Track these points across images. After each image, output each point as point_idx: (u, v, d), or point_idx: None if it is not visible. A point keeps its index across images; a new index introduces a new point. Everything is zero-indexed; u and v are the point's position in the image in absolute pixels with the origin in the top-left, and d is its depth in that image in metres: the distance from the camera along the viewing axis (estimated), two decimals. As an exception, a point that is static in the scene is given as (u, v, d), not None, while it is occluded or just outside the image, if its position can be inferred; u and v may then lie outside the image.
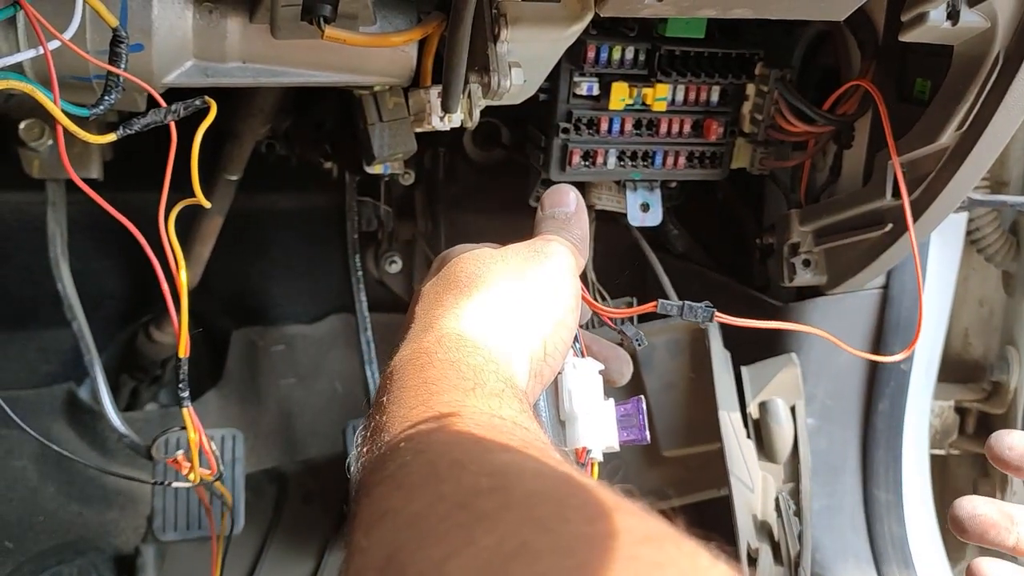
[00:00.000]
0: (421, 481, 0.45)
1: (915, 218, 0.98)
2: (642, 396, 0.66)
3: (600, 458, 0.65)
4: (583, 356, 0.68)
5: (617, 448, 0.65)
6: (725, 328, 1.16)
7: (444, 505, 0.41)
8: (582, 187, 1.22)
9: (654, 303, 0.67)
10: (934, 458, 1.29)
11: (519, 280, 0.64)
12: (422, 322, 0.62)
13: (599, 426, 0.65)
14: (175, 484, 0.88)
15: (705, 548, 0.38)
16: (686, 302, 0.68)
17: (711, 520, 1.17)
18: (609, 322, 0.71)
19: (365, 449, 0.53)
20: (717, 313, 0.68)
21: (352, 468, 0.54)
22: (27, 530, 1.31)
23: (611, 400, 0.66)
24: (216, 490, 1.02)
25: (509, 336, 0.61)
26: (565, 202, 0.73)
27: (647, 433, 0.66)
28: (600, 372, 0.67)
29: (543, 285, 0.64)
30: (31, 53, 0.64)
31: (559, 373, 0.65)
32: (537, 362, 0.62)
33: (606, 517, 0.39)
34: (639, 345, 0.70)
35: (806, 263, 1.13)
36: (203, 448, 0.82)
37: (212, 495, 1.06)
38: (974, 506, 0.66)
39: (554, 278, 0.65)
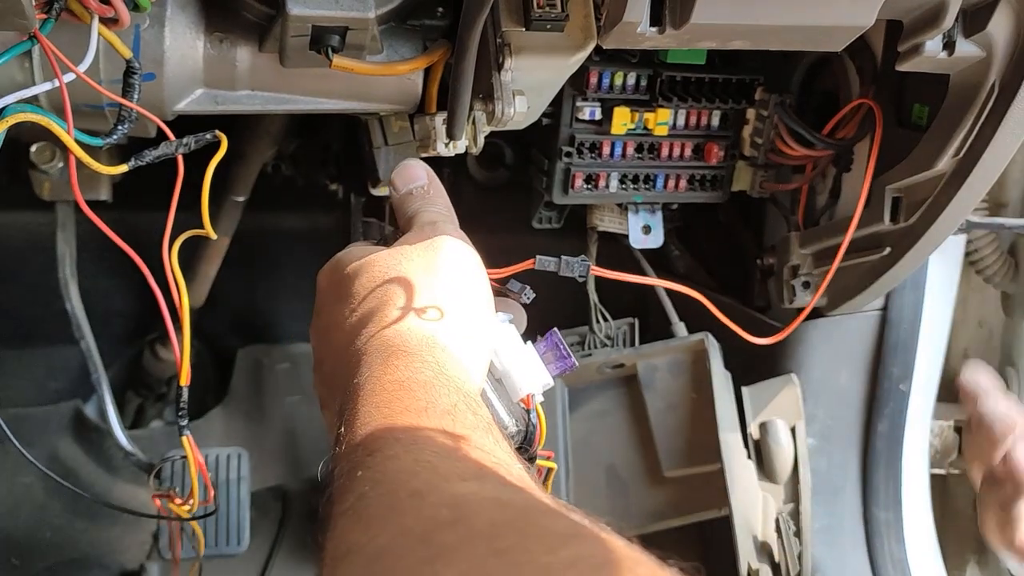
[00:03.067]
0: (381, 514, 0.45)
1: (914, 242, 1.00)
2: (555, 328, 0.70)
3: (542, 399, 0.69)
4: None
5: (552, 383, 0.69)
6: (726, 349, 1.17)
7: (406, 540, 0.42)
8: (585, 209, 1.24)
9: (532, 260, 0.70)
10: (934, 477, 1.30)
11: (435, 276, 0.64)
12: (363, 342, 0.61)
13: (530, 371, 0.68)
14: (171, 516, 0.89)
15: (665, 568, 0.39)
16: (563, 256, 0.71)
17: (712, 540, 1.18)
18: (494, 283, 0.72)
19: (330, 478, 0.53)
20: (593, 267, 0.71)
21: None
22: (34, 546, 1.32)
23: (529, 343, 0.70)
24: (189, 528, 1.03)
25: (450, 334, 0.61)
26: (416, 176, 0.74)
27: (573, 359, 0.70)
28: (511, 322, 0.70)
29: (457, 273, 0.65)
30: (47, 86, 0.65)
31: None
32: (483, 341, 0.64)
33: (567, 545, 0.40)
34: (527, 299, 0.72)
35: (806, 285, 1.14)
36: (203, 476, 0.83)
37: (182, 531, 1.06)
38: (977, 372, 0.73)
39: (461, 262, 0.66)
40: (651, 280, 0.92)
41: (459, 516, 0.42)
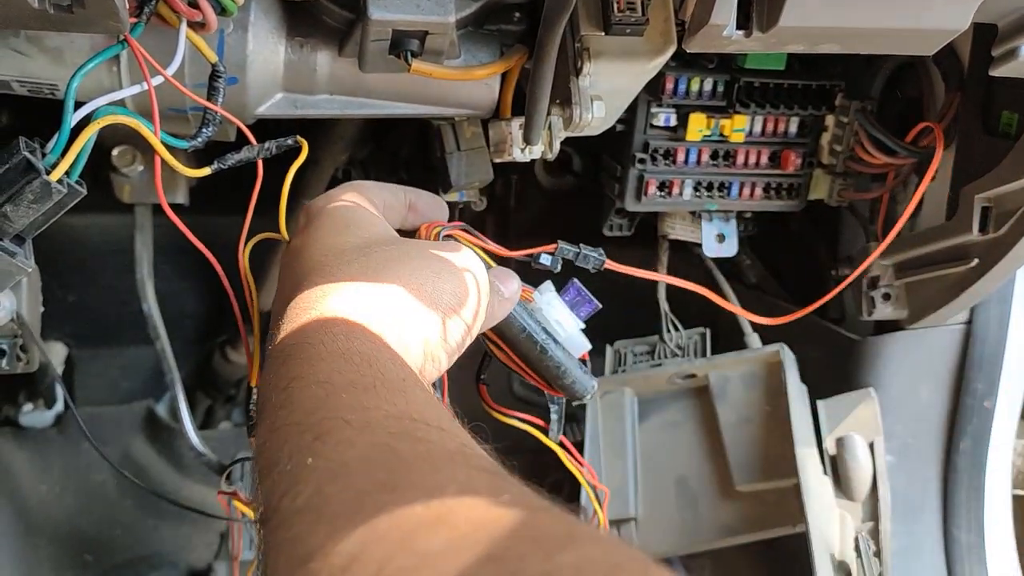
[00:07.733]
0: (347, 513, 0.40)
1: (1003, 254, 0.96)
2: (573, 278, 0.74)
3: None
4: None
5: (583, 325, 0.75)
6: (801, 362, 1.14)
7: (382, 546, 0.37)
8: (656, 217, 1.22)
9: (555, 244, 0.72)
10: (1016, 499, 1.25)
11: (422, 261, 0.59)
12: (303, 298, 0.55)
13: (575, 324, 0.74)
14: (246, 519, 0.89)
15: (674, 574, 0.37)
16: (582, 247, 0.73)
17: (785, 558, 1.15)
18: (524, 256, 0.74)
19: (265, 459, 0.46)
20: (608, 261, 0.73)
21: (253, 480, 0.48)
22: (105, 543, 1.35)
23: (561, 299, 0.74)
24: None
25: (402, 317, 0.56)
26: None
27: (595, 301, 0.74)
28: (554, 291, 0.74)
29: (451, 273, 0.60)
30: (135, 89, 0.66)
31: (539, 310, 0.73)
32: (433, 345, 0.58)
33: (564, 548, 0.36)
34: (556, 269, 0.73)
35: (886, 296, 1.11)
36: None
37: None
38: None
39: (465, 272, 0.61)
40: (658, 276, 0.95)
41: (439, 515, 0.38)
